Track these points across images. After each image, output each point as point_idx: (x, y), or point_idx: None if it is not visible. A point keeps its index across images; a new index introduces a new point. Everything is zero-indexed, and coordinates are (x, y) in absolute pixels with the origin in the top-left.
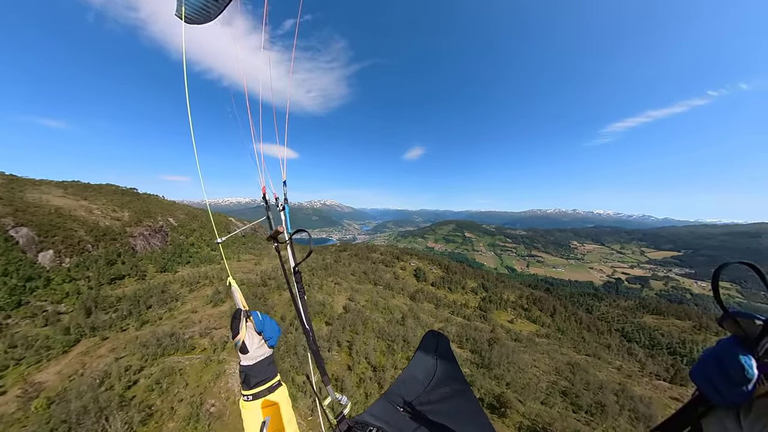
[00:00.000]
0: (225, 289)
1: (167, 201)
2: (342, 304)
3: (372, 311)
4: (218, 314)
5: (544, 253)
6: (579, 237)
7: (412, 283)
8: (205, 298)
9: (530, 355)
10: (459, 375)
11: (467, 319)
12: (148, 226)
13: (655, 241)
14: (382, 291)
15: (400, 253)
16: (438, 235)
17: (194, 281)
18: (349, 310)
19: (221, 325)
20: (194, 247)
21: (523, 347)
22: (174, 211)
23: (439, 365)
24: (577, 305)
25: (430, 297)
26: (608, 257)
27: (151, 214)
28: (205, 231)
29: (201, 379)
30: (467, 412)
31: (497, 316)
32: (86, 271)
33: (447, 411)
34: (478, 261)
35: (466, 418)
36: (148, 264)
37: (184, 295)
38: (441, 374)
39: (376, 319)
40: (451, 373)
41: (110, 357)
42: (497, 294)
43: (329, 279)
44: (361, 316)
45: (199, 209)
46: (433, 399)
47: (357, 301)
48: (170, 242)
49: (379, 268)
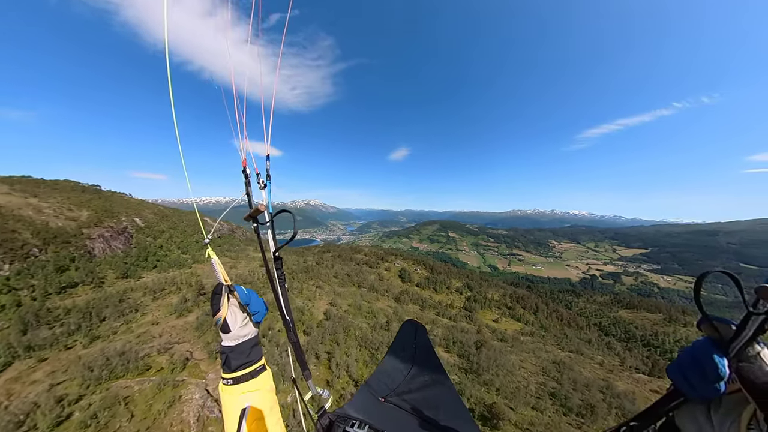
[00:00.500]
0: (193, 297)
1: (135, 200)
2: (323, 309)
3: (355, 316)
4: (183, 326)
5: (525, 252)
6: (557, 236)
7: (397, 285)
8: (169, 308)
9: (516, 355)
10: (437, 363)
11: (453, 320)
12: (110, 227)
13: (626, 239)
14: (366, 294)
15: (385, 253)
16: (422, 235)
17: (159, 288)
18: (331, 316)
19: (184, 339)
20: (162, 250)
21: (509, 347)
22: (141, 211)
23: (417, 354)
24: (557, 302)
25: (415, 298)
26: (584, 255)
27: (114, 213)
28: (176, 232)
29: (150, 409)
30: (446, 399)
31: (482, 315)
32: (30, 279)
33: (427, 399)
34: (462, 260)
35: (445, 406)
36: (108, 269)
37: (146, 304)
38: (420, 363)
39: (359, 325)
40: (429, 362)
41: (46, 383)
42: (482, 293)
43: (310, 282)
44: (343, 322)
45: (171, 209)
46: (414, 387)
47: (339, 306)
48: (135, 245)
49: (363, 269)
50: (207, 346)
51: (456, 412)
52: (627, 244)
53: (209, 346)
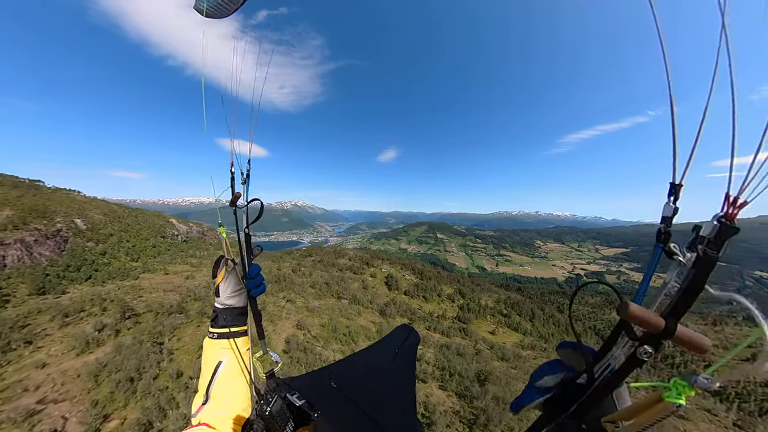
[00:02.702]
0: (113, 322)
1: (82, 197)
2: (286, 335)
3: (327, 342)
4: (76, 371)
5: (512, 252)
6: (542, 236)
7: (383, 293)
8: (72, 340)
9: (524, 382)
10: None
11: (446, 335)
12: (37, 230)
13: (607, 239)
14: (347, 307)
15: (371, 257)
16: (411, 236)
17: (77, 308)
18: (294, 344)
19: (68, 395)
20: (105, 257)
21: (512, 368)
22: (87, 211)
23: (396, 357)
24: (549, 304)
25: (403, 309)
26: (568, 255)
27: (47, 213)
28: (128, 236)
29: None
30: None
31: (477, 326)
32: None
33: (382, 402)
34: (451, 261)
35: (398, 416)
36: (20, 282)
37: (50, 332)
38: (393, 368)
39: (330, 357)
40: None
41: None
42: (475, 300)
43: (280, 295)
44: (308, 356)
45: (133, 208)
46: (373, 386)
47: (308, 329)
48: (68, 251)
49: (345, 276)
50: (94, 407)
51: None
52: (608, 244)
53: (98, 407)
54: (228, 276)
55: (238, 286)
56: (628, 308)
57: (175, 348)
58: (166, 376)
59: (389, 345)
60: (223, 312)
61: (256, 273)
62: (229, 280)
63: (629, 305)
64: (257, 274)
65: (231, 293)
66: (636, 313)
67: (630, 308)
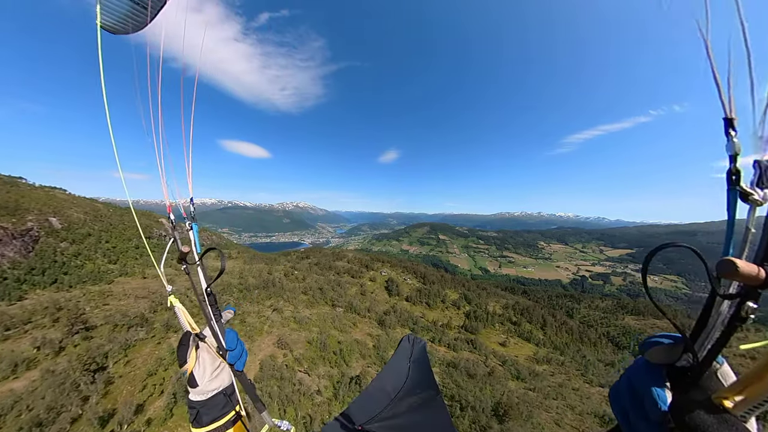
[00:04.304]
0: (59, 337)
1: (65, 195)
2: (263, 355)
3: (313, 364)
4: None
5: (515, 254)
6: (545, 238)
7: (383, 299)
8: (9, 357)
9: (546, 409)
10: (431, 380)
11: (453, 348)
12: (2, 228)
13: (611, 240)
14: (342, 316)
15: (371, 260)
16: (413, 237)
17: (24, 319)
18: (268, 370)
19: None
20: (79, 259)
21: (530, 389)
22: (67, 209)
23: (410, 373)
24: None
25: (404, 318)
26: (572, 256)
27: (18, 211)
28: (108, 236)
29: None
30: (433, 422)
31: (486, 337)
32: None
33: (411, 423)
34: (453, 263)
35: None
36: None
37: None
38: (411, 383)
39: (312, 385)
40: (422, 380)
41: None
42: (481, 306)
43: (266, 303)
44: (287, 383)
45: (123, 208)
46: (399, 412)
47: (291, 346)
48: (37, 252)
49: (342, 281)
50: None
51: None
52: (613, 245)
53: None
54: (200, 356)
55: (216, 362)
56: (736, 265)
57: (119, 375)
58: (87, 422)
59: (399, 360)
60: (206, 405)
61: (235, 342)
62: (203, 361)
63: (736, 262)
64: (237, 342)
65: (211, 375)
66: (743, 269)
67: (738, 264)
